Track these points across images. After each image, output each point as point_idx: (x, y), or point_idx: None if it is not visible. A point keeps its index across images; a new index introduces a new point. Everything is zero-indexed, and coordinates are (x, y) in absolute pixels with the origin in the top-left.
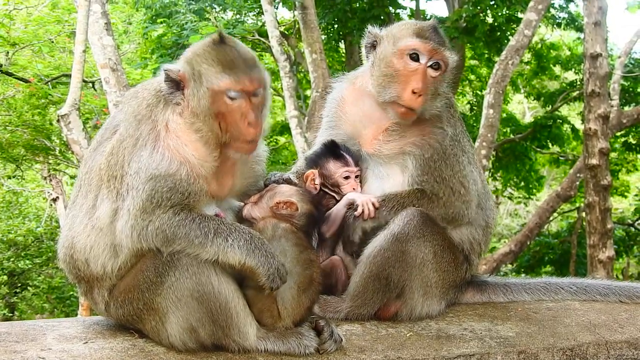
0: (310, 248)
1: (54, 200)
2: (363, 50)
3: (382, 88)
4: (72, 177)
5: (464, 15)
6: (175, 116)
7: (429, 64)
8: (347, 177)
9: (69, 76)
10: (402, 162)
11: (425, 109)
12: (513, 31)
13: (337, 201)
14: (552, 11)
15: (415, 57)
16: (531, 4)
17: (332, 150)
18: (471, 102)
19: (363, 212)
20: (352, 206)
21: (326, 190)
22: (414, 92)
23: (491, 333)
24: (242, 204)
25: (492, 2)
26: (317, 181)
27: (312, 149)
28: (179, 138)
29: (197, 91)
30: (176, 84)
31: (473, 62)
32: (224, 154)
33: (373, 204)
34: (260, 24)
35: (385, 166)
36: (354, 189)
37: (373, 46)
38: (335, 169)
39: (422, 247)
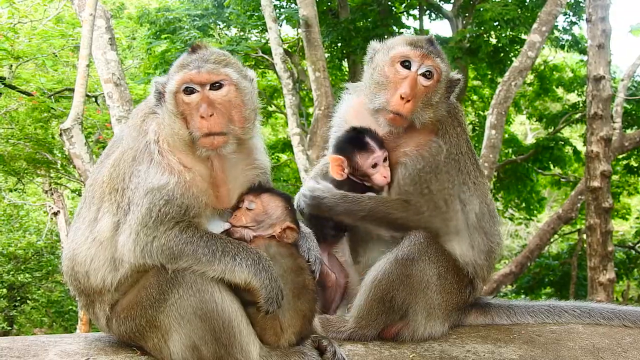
0: (301, 257)
1: (55, 214)
2: (365, 65)
3: (373, 96)
4: (74, 191)
5: (468, 35)
6: (160, 127)
7: (420, 71)
8: (374, 166)
9: (72, 90)
10: (397, 171)
11: (416, 117)
12: (516, 52)
13: (366, 188)
14: (556, 33)
15: (407, 64)
16: (535, 25)
17: (356, 137)
18: (473, 122)
19: None
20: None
21: (354, 178)
22: (402, 98)
23: (494, 355)
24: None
25: (495, 23)
26: (346, 171)
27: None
28: (165, 149)
29: (166, 97)
30: (162, 96)
31: (476, 82)
32: (212, 163)
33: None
34: (264, 41)
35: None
36: (384, 177)
37: (372, 59)
38: (362, 160)
39: (427, 270)
